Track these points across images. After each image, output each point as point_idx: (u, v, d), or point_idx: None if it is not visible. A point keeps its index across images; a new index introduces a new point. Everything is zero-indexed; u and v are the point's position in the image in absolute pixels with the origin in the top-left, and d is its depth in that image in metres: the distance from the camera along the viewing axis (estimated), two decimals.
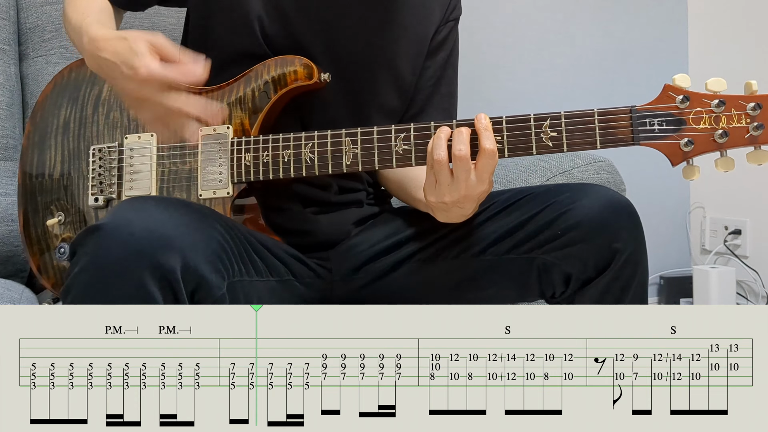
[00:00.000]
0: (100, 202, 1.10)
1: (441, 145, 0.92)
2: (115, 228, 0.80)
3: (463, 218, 1.00)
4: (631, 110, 0.91)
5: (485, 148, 0.90)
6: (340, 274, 1.12)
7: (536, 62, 2.23)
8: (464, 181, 0.91)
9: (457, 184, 0.91)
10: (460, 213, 0.97)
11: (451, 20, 1.20)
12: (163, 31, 1.56)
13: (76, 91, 1.18)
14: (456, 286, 1.08)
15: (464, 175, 0.90)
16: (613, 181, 1.39)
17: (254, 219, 1.08)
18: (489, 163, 0.90)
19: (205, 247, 0.87)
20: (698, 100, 0.89)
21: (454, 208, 0.95)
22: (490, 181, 0.93)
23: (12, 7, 1.50)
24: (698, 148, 0.89)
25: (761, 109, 0.87)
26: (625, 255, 0.97)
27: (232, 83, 1.08)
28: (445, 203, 0.94)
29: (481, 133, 0.91)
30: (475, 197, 0.93)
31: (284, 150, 1.02)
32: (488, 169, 0.91)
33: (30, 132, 1.21)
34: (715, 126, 0.89)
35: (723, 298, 2.18)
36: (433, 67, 1.19)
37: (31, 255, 1.16)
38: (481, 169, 0.91)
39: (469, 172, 0.90)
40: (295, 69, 1.05)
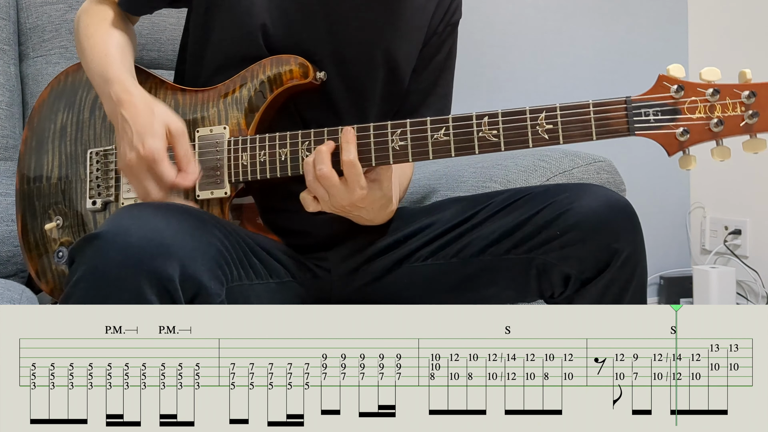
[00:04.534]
0: (98, 206, 1.10)
1: (310, 162, 0.96)
2: (113, 236, 0.80)
3: (383, 219, 1.05)
4: (626, 101, 0.91)
5: (344, 160, 0.94)
6: (339, 275, 1.12)
7: (536, 62, 2.23)
8: (336, 196, 0.95)
9: (331, 198, 0.96)
10: (368, 217, 1.02)
11: (451, 24, 1.20)
12: (162, 31, 1.57)
13: (72, 95, 1.18)
14: (454, 286, 1.08)
15: (333, 190, 0.95)
16: (613, 181, 1.39)
17: (252, 219, 1.08)
18: (352, 173, 0.94)
19: (204, 253, 0.87)
20: (693, 89, 0.89)
21: (353, 214, 1.01)
22: (362, 185, 0.95)
23: (12, 7, 1.50)
24: (694, 138, 0.89)
25: (756, 97, 0.87)
26: (624, 255, 0.97)
27: (228, 83, 1.08)
28: (337, 209, 0.98)
29: (341, 147, 0.95)
30: (359, 204, 0.96)
31: (281, 149, 1.02)
32: (354, 178, 0.94)
33: (27, 137, 1.20)
34: (710, 115, 0.89)
35: (723, 298, 2.18)
36: (431, 68, 1.19)
37: (29, 260, 1.16)
38: (348, 179, 0.94)
39: (337, 187, 0.95)
40: (291, 68, 1.05)
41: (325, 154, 0.95)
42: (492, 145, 0.94)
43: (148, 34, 1.56)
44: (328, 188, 0.95)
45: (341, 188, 0.94)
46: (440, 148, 0.95)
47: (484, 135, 0.94)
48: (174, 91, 1.11)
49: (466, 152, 0.95)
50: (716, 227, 2.39)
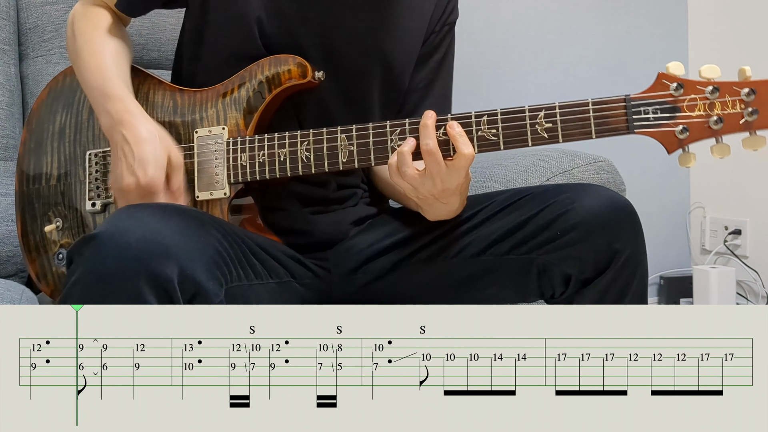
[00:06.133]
0: (98, 207, 1.10)
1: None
2: (111, 237, 0.80)
3: (451, 214, 1.02)
4: (625, 99, 0.91)
5: (463, 153, 0.92)
6: (339, 274, 1.12)
7: (536, 62, 2.23)
8: (437, 175, 0.93)
9: (431, 178, 0.93)
10: (446, 209, 1.00)
11: (448, 24, 1.20)
12: (162, 31, 1.57)
13: (71, 96, 1.18)
14: (455, 286, 1.08)
15: (436, 168, 0.92)
16: (613, 181, 1.39)
17: (252, 219, 1.08)
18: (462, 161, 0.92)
19: (202, 254, 0.87)
20: (692, 87, 0.89)
21: (437, 204, 0.98)
22: (467, 174, 0.95)
23: (12, 7, 1.50)
24: (693, 135, 0.89)
25: (755, 95, 0.87)
26: (625, 255, 0.97)
27: (227, 83, 1.08)
28: (425, 198, 0.96)
29: (456, 140, 0.93)
30: (454, 190, 0.95)
31: (280, 149, 1.02)
32: (463, 164, 0.93)
33: (26, 138, 1.20)
34: (709, 112, 0.89)
35: (723, 298, 2.18)
36: (428, 68, 1.19)
37: (29, 262, 1.15)
38: (456, 165, 0.93)
39: (441, 164, 0.92)
40: (289, 68, 1.05)
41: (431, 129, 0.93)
42: (491, 144, 0.94)
43: (148, 34, 1.56)
44: (431, 166, 0.92)
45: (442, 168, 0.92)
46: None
47: (483, 134, 0.94)
48: (172, 92, 1.11)
49: None
50: (716, 227, 2.39)
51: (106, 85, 1.05)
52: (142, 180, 0.96)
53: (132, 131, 0.99)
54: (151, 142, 0.98)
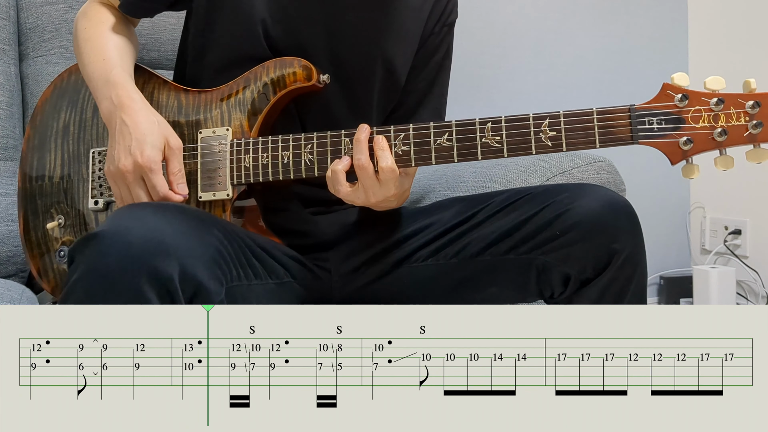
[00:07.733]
0: (100, 205, 1.10)
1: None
2: (113, 235, 0.80)
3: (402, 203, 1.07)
4: (630, 109, 0.91)
5: (383, 167, 0.94)
6: (339, 275, 1.12)
7: (536, 62, 2.23)
8: (370, 188, 0.96)
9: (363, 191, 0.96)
10: (385, 208, 1.03)
11: (447, 24, 1.20)
12: (162, 31, 1.57)
13: (75, 94, 1.18)
14: (454, 286, 1.08)
15: (368, 182, 0.95)
16: (613, 181, 1.39)
17: (254, 221, 1.08)
18: (392, 176, 0.95)
19: (203, 253, 0.87)
20: (697, 98, 0.89)
21: (376, 207, 1.01)
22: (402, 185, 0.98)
23: (12, 7, 1.50)
24: (697, 147, 0.89)
25: (760, 107, 0.87)
26: (624, 255, 0.97)
27: (231, 84, 1.08)
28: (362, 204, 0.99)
29: (377, 155, 0.95)
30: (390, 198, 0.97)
31: (283, 151, 1.02)
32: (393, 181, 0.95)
33: (30, 135, 1.20)
34: (714, 124, 0.88)
35: (723, 298, 2.18)
36: (428, 69, 1.19)
37: (31, 258, 1.16)
38: (382, 179, 0.95)
39: (372, 179, 0.95)
40: (294, 70, 1.05)
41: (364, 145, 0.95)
42: (495, 151, 0.94)
43: (149, 34, 1.56)
44: (363, 180, 0.95)
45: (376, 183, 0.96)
46: (443, 154, 0.95)
47: (487, 141, 0.94)
48: (177, 92, 1.11)
49: (469, 158, 0.95)
50: (716, 227, 2.39)
51: (109, 74, 1.05)
52: (140, 160, 0.97)
53: (131, 116, 0.99)
54: (149, 125, 0.99)
